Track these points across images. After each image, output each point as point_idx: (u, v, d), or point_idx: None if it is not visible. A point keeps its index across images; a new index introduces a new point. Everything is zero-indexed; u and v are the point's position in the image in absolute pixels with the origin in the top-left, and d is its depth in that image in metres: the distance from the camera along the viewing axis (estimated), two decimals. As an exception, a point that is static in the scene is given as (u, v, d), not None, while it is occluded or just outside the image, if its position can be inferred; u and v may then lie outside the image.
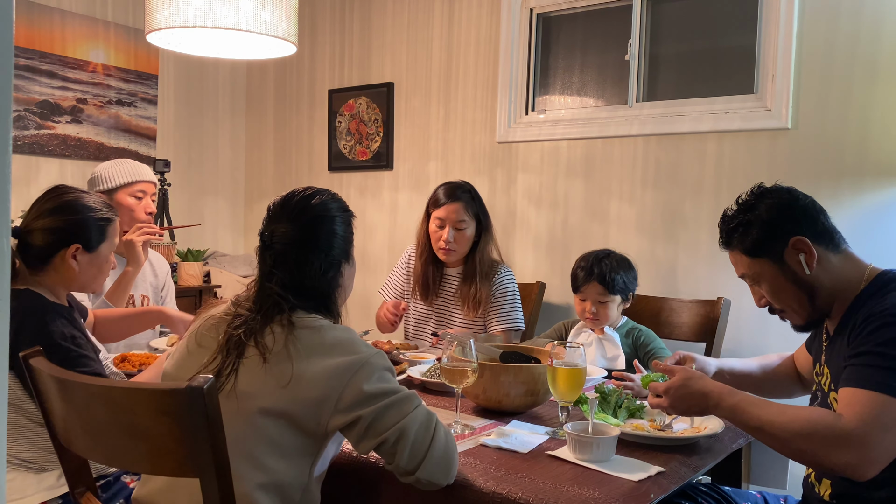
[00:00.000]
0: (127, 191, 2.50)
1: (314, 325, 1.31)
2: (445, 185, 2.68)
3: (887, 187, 2.52)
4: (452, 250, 2.62)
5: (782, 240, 1.42)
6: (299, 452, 1.27)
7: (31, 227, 1.66)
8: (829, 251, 1.43)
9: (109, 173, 2.51)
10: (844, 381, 1.29)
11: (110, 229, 1.75)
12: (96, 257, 1.71)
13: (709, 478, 1.77)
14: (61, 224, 1.66)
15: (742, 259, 1.49)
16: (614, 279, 2.29)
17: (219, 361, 1.28)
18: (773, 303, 1.49)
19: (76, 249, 1.66)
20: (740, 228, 1.47)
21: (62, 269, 1.66)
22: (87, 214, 1.69)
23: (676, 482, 1.37)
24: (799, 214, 1.44)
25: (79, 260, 1.67)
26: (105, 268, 1.76)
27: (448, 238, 2.60)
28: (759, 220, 1.45)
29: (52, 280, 1.67)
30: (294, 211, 1.38)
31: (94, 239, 1.70)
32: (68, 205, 1.68)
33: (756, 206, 1.47)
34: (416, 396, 1.30)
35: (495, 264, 2.70)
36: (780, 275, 1.44)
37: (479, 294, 2.62)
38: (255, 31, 2.10)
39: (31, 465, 1.59)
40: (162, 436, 1.08)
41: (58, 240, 1.65)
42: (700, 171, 2.91)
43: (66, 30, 3.67)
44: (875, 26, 2.52)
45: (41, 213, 1.67)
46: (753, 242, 1.45)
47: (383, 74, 3.90)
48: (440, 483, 1.29)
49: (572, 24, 3.35)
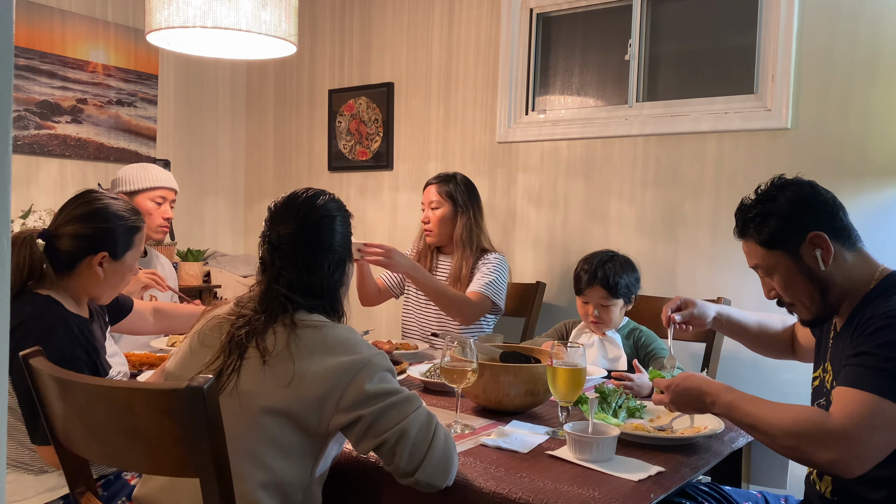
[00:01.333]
0: (147, 195, 2.57)
1: (316, 324, 1.32)
2: None
3: (887, 187, 2.52)
4: (430, 231, 2.76)
5: (800, 234, 1.41)
6: (301, 452, 1.28)
7: (59, 233, 1.64)
8: (844, 248, 1.42)
9: (133, 176, 2.58)
10: (841, 379, 1.30)
11: (137, 237, 1.74)
12: (121, 266, 1.71)
13: (709, 478, 1.77)
14: (91, 231, 1.65)
15: (757, 250, 1.47)
16: (618, 283, 2.26)
17: (221, 361, 1.29)
18: (784, 296, 1.47)
19: (103, 257, 1.65)
20: (758, 219, 1.45)
21: (87, 275, 1.66)
22: (116, 223, 1.68)
23: (676, 482, 1.37)
24: (819, 209, 1.43)
25: (105, 268, 1.66)
26: (128, 276, 1.76)
27: (424, 219, 2.76)
28: (779, 211, 1.43)
29: (77, 286, 1.66)
30: (300, 211, 1.38)
31: (122, 247, 1.70)
32: (98, 212, 1.67)
33: (776, 198, 1.45)
34: (417, 398, 1.31)
35: (485, 251, 2.75)
36: (795, 268, 1.43)
37: (460, 272, 2.68)
38: (255, 31, 2.10)
39: (31, 468, 1.59)
40: (162, 436, 1.08)
41: (86, 246, 1.64)
42: (700, 171, 2.91)
43: (66, 30, 3.67)
44: (875, 26, 2.52)
45: (71, 219, 1.65)
46: (771, 234, 1.43)
47: (383, 74, 3.90)
48: (439, 485, 1.29)
49: (572, 24, 3.35)
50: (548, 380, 1.58)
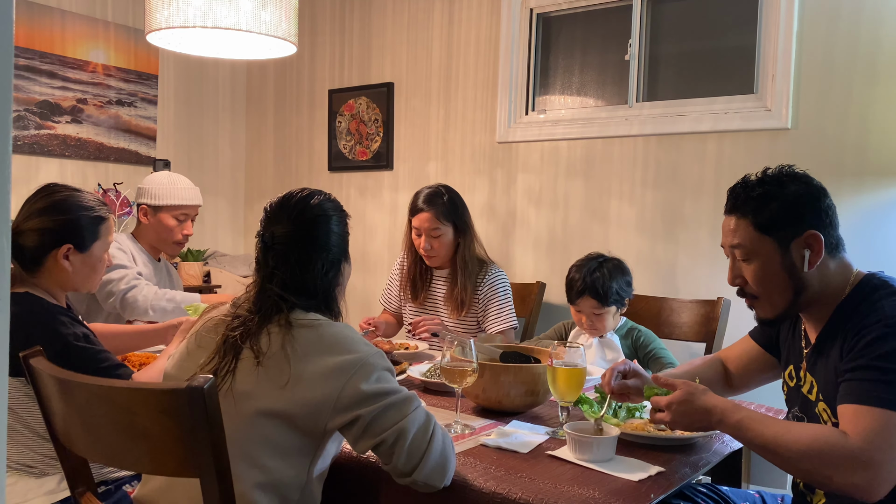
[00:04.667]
0: (172, 212, 2.57)
1: (312, 322, 1.31)
2: (419, 193, 2.68)
3: (887, 187, 2.52)
4: (432, 256, 2.65)
5: (799, 228, 1.36)
6: (298, 452, 1.27)
7: (21, 228, 1.61)
8: (829, 256, 1.39)
9: (160, 191, 2.56)
10: (844, 396, 1.26)
11: (103, 228, 1.71)
12: (89, 257, 1.68)
13: (708, 478, 1.77)
14: (51, 224, 1.62)
15: (747, 230, 1.39)
16: (608, 291, 2.24)
17: (216, 362, 1.28)
18: (754, 286, 1.41)
19: (68, 250, 1.62)
20: (761, 199, 1.38)
21: (55, 270, 1.63)
22: (78, 213, 1.65)
23: (676, 482, 1.37)
24: (823, 213, 1.39)
25: (71, 260, 1.64)
26: (99, 267, 1.72)
27: (425, 246, 2.63)
28: (785, 198, 1.37)
29: (48, 282, 1.64)
30: (294, 211, 1.38)
31: (87, 238, 1.67)
32: (59, 204, 1.64)
33: (785, 185, 1.39)
34: (416, 398, 1.30)
35: (483, 264, 2.68)
36: (779, 261, 1.37)
37: (463, 295, 2.62)
38: (255, 31, 2.10)
39: (32, 470, 1.59)
40: (162, 436, 1.08)
41: (49, 240, 1.61)
42: (700, 171, 2.91)
43: (66, 30, 3.67)
44: (875, 27, 2.53)
45: (31, 214, 1.62)
46: (770, 217, 1.37)
47: (383, 74, 3.90)
48: (436, 486, 1.29)
49: (572, 24, 3.35)
50: (548, 380, 1.58)
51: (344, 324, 1.36)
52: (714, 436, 1.59)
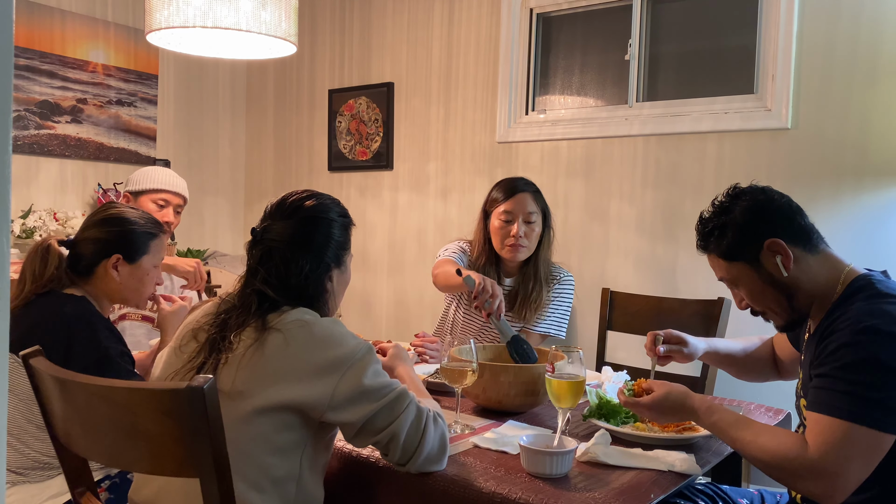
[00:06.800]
0: (149, 197, 2.54)
1: (301, 319, 1.30)
2: (507, 181, 2.46)
3: (887, 187, 2.52)
4: (523, 246, 2.35)
5: (757, 242, 1.39)
6: (290, 446, 1.27)
7: (79, 238, 1.76)
8: (806, 252, 1.39)
9: (139, 176, 2.57)
10: (810, 403, 1.28)
11: (153, 244, 1.81)
12: (137, 269, 1.78)
13: (708, 478, 1.76)
14: (104, 235, 1.75)
15: (719, 263, 1.46)
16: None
17: (201, 359, 1.29)
18: (753, 305, 1.46)
19: (117, 260, 1.74)
20: (716, 232, 1.43)
21: (105, 279, 1.74)
22: (127, 227, 1.77)
23: (676, 482, 1.37)
24: (773, 216, 1.41)
25: (120, 270, 1.75)
26: (147, 281, 1.81)
27: (518, 233, 2.33)
28: (734, 223, 1.41)
29: (97, 290, 1.75)
30: (287, 210, 1.39)
31: (137, 250, 1.77)
32: (113, 217, 1.78)
33: (731, 209, 1.43)
34: (407, 393, 1.31)
35: (556, 269, 2.49)
36: (758, 278, 1.41)
37: (538, 299, 2.38)
38: (255, 31, 2.10)
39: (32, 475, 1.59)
40: (162, 436, 1.08)
41: (101, 250, 1.74)
42: (700, 171, 2.91)
43: (66, 30, 3.67)
44: (875, 27, 2.53)
45: (88, 226, 1.78)
46: (729, 246, 1.42)
47: (383, 74, 3.90)
48: (432, 471, 1.34)
49: (572, 24, 3.35)
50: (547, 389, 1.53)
51: (332, 319, 1.34)
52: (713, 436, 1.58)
